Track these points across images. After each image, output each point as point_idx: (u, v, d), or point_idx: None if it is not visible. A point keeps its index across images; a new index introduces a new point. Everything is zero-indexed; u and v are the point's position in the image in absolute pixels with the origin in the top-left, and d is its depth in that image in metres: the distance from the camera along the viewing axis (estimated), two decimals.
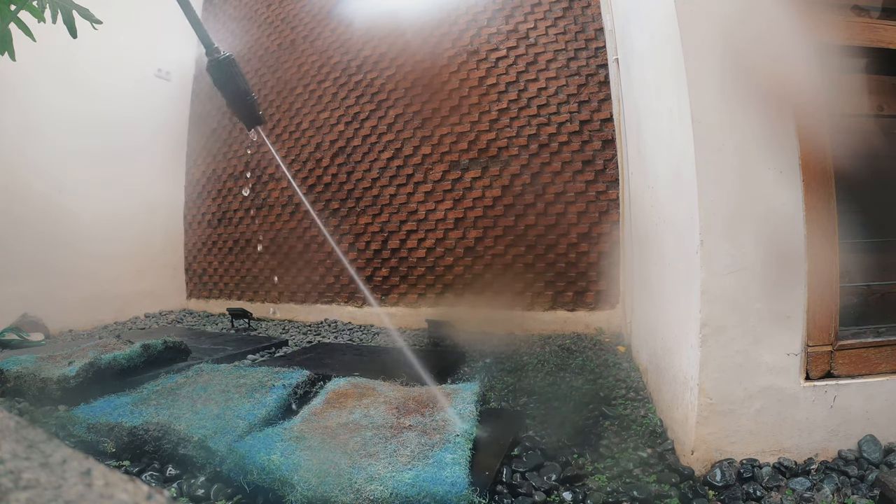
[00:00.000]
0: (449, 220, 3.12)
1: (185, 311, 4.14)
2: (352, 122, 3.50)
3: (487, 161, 3.03)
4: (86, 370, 1.63)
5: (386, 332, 3.02)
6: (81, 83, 3.44)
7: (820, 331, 1.16)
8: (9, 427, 0.38)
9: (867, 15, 1.23)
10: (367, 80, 3.45)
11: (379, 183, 3.37)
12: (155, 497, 0.30)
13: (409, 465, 1.06)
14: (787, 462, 1.13)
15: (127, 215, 3.74)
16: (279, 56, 3.92)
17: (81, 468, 0.31)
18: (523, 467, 1.19)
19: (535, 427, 1.44)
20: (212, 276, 4.19)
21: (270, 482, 1.02)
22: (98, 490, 0.29)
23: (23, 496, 0.27)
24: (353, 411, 1.38)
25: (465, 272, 3.06)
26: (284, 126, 3.82)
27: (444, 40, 3.20)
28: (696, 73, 1.14)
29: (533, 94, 2.94)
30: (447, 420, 1.30)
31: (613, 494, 1.08)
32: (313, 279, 3.62)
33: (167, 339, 2.06)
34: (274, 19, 4.02)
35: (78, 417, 1.37)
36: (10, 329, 2.77)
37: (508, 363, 2.15)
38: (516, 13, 3.03)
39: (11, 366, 1.74)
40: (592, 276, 2.77)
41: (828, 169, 1.16)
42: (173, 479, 1.16)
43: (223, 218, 4.13)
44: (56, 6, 1.63)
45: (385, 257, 3.33)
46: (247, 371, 1.80)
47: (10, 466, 0.31)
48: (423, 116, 3.23)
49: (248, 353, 2.39)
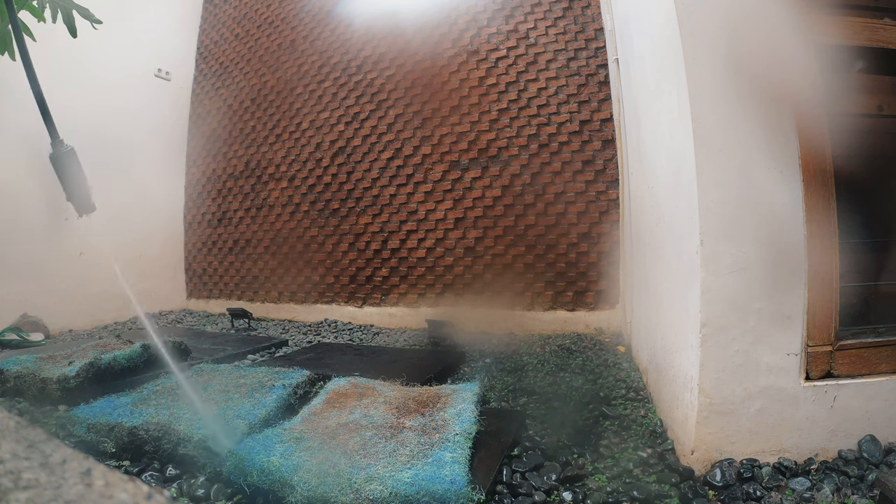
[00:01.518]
0: (449, 220, 3.12)
1: (185, 311, 4.14)
2: (352, 122, 3.50)
3: (487, 161, 3.03)
4: (86, 370, 1.63)
5: (386, 332, 3.02)
6: (81, 83, 3.44)
7: (820, 331, 1.16)
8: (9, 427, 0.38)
9: (867, 15, 1.23)
10: (367, 80, 3.45)
11: (379, 183, 3.37)
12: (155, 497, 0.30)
13: (409, 464, 1.06)
14: (787, 462, 1.13)
15: (127, 215, 3.74)
16: (279, 56, 3.92)
17: (81, 468, 0.31)
18: (523, 467, 1.19)
19: (535, 427, 1.44)
20: (212, 276, 4.19)
21: (270, 484, 1.02)
22: (98, 490, 0.29)
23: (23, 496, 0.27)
24: (353, 411, 1.38)
25: (465, 272, 3.06)
26: (284, 126, 3.82)
27: (444, 40, 3.20)
28: (695, 73, 1.14)
29: (533, 94, 2.94)
30: (447, 420, 1.30)
31: (613, 494, 1.08)
32: (313, 279, 3.62)
33: (167, 339, 2.06)
34: (274, 19, 4.02)
35: (78, 417, 1.37)
36: (10, 329, 2.77)
37: (508, 363, 2.15)
38: (516, 13, 3.03)
39: (11, 366, 1.74)
40: (592, 276, 2.77)
41: (828, 169, 1.16)
42: (173, 479, 1.16)
43: (223, 218, 4.14)
44: (56, 6, 1.64)
45: (385, 257, 3.33)
46: (247, 371, 1.80)
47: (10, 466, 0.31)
48: (423, 116, 3.23)
49: (248, 353, 2.39)
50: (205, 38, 4.51)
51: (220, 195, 4.17)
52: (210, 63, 4.42)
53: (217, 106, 4.27)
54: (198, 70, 4.50)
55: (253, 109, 4.04)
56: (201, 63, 4.49)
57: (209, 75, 4.40)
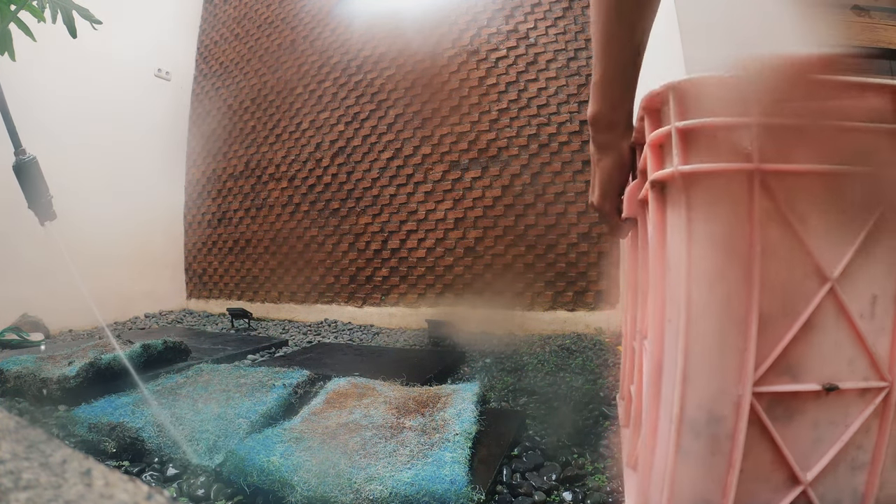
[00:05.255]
0: (449, 220, 3.12)
1: (185, 311, 4.14)
2: (352, 122, 3.50)
3: (487, 161, 3.03)
4: (86, 370, 1.63)
5: (386, 332, 3.02)
6: (81, 83, 3.44)
7: None
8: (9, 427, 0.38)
9: (867, 15, 1.23)
10: (367, 80, 3.45)
11: (379, 183, 3.37)
12: (155, 497, 0.30)
13: (409, 464, 1.06)
14: None
15: (127, 215, 3.74)
16: (279, 56, 3.92)
17: (81, 468, 0.32)
18: (523, 467, 1.19)
19: (535, 427, 1.44)
20: (212, 276, 4.19)
21: (270, 484, 1.02)
22: (98, 490, 0.29)
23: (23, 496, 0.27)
24: (353, 411, 1.38)
25: (465, 272, 3.06)
26: (284, 126, 3.82)
27: (444, 40, 3.20)
28: (695, 72, 1.14)
29: (533, 94, 2.94)
30: (447, 420, 1.30)
31: (613, 494, 1.08)
32: (313, 279, 3.62)
33: (167, 339, 2.06)
34: (274, 19, 4.02)
35: (79, 417, 1.37)
36: (10, 329, 2.77)
37: (508, 363, 2.15)
38: (516, 13, 3.03)
39: (11, 366, 1.74)
40: (592, 276, 2.77)
41: None
42: (173, 479, 1.16)
43: (223, 218, 4.14)
44: (56, 6, 1.64)
45: (385, 257, 3.33)
46: (247, 371, 1.80)
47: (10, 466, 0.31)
48: (423, 116, 3.24)
49: (248, 353, 2.39)
50: (205, 38, 4.51)
51: (220, 195, 4.17)
52: (210, 63, 4.42)
53: (217, 106, 4.27)
54: (198, 70, 4.50)
55: (253, 109, 4.04)
56: (201, 63, 4.49)
57: (209, 75, 4.40)
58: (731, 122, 0.34)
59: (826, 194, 0.33)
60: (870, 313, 0.34)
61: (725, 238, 0.34)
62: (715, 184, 0.34)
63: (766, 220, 0.33)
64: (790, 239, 0.33)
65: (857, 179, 0.33)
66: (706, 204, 0.34)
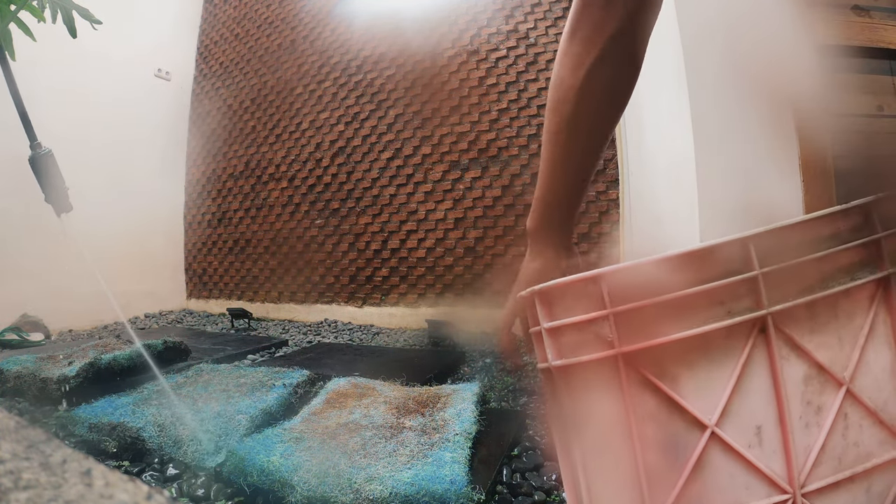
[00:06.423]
0: (449, 220, 3.12)
1: (185, 311, 4.14)
2: (352, 122, 3.50)
3: (487, 161, 3.03)
4: (86, 370, 1.63)
5: (386, 332, 3.02)
6: (81, 83, 3.44)
7: None
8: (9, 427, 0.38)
9: (867, 15, 1.23)
10: (367, 80, 3.45)
11: (379, 183, 3.37)
12: (155, 497, 0.30)
13: (409, 464, 1.06)
14: None
15: (127, 215, 3.74)
16: (279, 56, 3.92)
17: (81, 468, 0.31)
18: (523, 467, 1.19)
19: (535, 427, 1.44)
20: (212, 277, 4.19)
21: (270, 484, 1.02)
22: (98, 490, 0.29)
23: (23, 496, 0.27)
24: (353, 411, 1.38)
25: (465, 272, 3.06)
26: (284, 126, 3.82)
27: (444, 40, 3.20)
28: (696, 72, 1.14)
29: (533, 94, 2.94)
30: (447, 420, 1.30)
31: None
32: (313, 279, 3.62)
33: (167, 339, 2.06)
34: (274, 19, 4.02)
35: (79, 417, 1.37)
36: (10, 329, 2.77)
37: (508, 363, 2.14)
38: (516, 13, 3.03)
39: (11, 366, 1.74)
40: None
41: (828, 169, 1.16)
42: (173, 479, 1.16)
43: (223, 218, 4.14)
44: (56, 6, 1.64)
45: (385, 257, 3.33)
46: (247, 371, 1.80)
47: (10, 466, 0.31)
48: (423, 116, 3.23)
49: (248, 353, 2.39)
50: (205, 38, 4.51)
51: (220, 195, 4.17)
52: (210, 63, 4.42)
53: (217, 106, 4.27)
54: (198, 70, 4.50)
55: (253, 109, 4.04)
56: (201, 63, 4.49)
57: (209, 75, 4.40)
58: (591, 316, 0.38)
59: (690, 354, 0.37)
60: (757, 442, 0.37)
61: (605, 413, 0.38)
62: (586, 370, 0.39)
63: (640, 390, 0.37)
64: (665, 401, 0.37)
65: (716, 334, 0.37)
66: (583, 389, 0.40)
